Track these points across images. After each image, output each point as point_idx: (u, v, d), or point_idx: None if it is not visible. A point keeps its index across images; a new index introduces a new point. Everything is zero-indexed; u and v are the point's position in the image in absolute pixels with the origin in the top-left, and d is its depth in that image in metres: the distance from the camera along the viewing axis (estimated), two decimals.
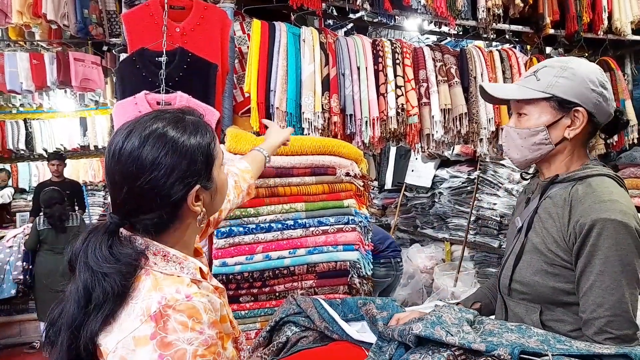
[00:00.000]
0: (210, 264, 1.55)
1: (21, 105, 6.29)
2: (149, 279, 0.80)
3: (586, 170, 1.18)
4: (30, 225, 4.28)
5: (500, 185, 3.92)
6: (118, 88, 1.83)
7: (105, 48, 4.36)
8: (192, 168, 0.85)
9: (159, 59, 1.72)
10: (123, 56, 2.04)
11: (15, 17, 3.83)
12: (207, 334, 0.77)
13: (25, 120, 6.50)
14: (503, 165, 3.91)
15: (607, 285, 1.05)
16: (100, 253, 0.79)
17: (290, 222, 1.59)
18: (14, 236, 4.37)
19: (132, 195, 0.82)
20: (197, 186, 0.86)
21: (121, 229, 0.84)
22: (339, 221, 1.64)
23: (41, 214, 4.15)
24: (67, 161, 5.45)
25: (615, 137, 3.03)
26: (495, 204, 3.92)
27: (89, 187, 6.54)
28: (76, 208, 4.82)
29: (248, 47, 2.14)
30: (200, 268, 0.89)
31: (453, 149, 4.26)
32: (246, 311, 1.56)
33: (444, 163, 4.58)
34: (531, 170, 1.44)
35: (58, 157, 5.04)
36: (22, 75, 4.33)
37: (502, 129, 2.59)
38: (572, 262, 1.11)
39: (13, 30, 4.58)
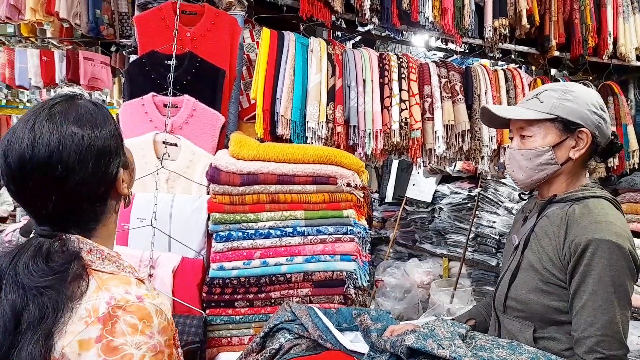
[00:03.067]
0: (208, 268, 1.56)
1: (28, 100, 6.34)
2: (93, 280, 0.77)
3: (584, 191, 1.21)
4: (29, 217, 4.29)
5: (500, 203, 3.92)
6: (126, 88, 1.86)
7: (114, 48, 4.41)
8: (113, 158, 0.84)
9: (168, 62, 1.75)
10: (133, 57, 2.07)
11: (29, 14, 3.88)
12: (156, 340, 0.74)
13: None
14: (504, 183, 3.92)
15: (599, 305, 1.06)
16: (35, 268, 0.74)
17: (289, 230, 1.60)
18: (14, 230, 4.37)
19: (63, 199, 0.79)
20: (122, 170, 0.87)
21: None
22: (338, 231, 1.64)
23: None
24: None
25: (617, 161, 3.04)
26: (494, 222, 3.92)
27: None
28: None
29: (256, 54, 2.17)
30: (131, 266, 0.86)
31: (455, 165, 4.27)
32: (241, 316, 1.56)
33: (445, 179, 4.60)
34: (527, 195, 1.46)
35: None
36: (31, 71, 4.38)
37: (504, 150, 2.61)
38: (566, 280, 1.13)
39: (25, 27, 4.63)
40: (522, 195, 1.43)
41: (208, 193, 1.61)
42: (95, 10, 4.02)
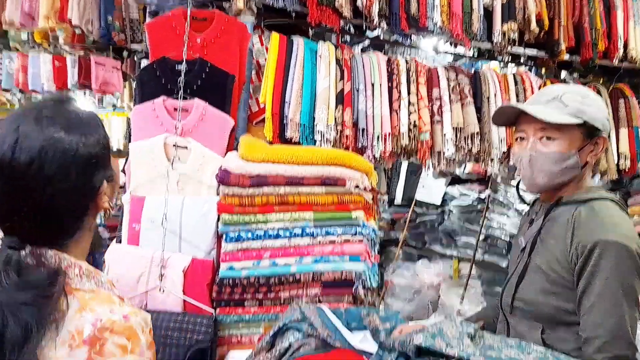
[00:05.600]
0: (217, 268, 1.58)
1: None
2: (74, 299, 0.72)
3: (589, 193, 1.21)
4: None
5: (511, 205, 3.91)
6: (137, 93, 1.89)
7: (126, 54, 4.48)
8: (98, 168, 0.80)
9: (179, 67, 1.77)
10: (144, 62, 2.11)
11: (42, 21, 3.96)
12: (147, 357, 0.73)
13: None
14: (514, 186, 3.91)
15: (607, 306, 1.07)
16: (8, 282, 0.68)
17: (298, 231, 1.62)
18: None
19: (39, 209, 0.73)
20: (105, 183, 0.81)
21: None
22: (347, 232, 1.66)
23: None
24: None
25: (628, 164, 3.02)
26: (505, 224, 3.91)
27: None
28: None
29: (265, 59, 2.19)
30: (110, 281, 0.82)
31: (464, 167, 4.27)
32: (250, 315, 1.58)
33: (455, 181, 4.59)
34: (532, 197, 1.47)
35: None
36: (44, 76, 4.47)
37: (513, 153, 2.61)
38: (574, 282, 1.13)
39: (38, 34, 4.73)
40: (523, 199, 1.44)
41: (218, 195, 1.63)
42: (107, 17, 4.08)
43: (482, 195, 4.15)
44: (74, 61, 4.45)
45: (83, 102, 6.28)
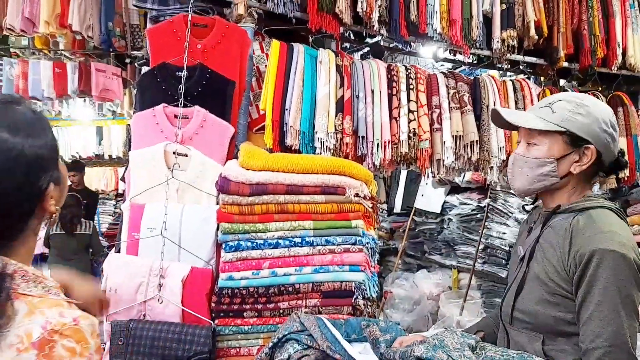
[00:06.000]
0: (216, 277, 1.57)
1: (41, 111, 6.44)
2: (22, 304, 0.71)
3: (587, 202, 1.21)
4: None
5: (510, 214, 3.90)
6: (138, 100, 1.88)
7: (128, 60, 4.48)
8: (44, 170, 0.79)
9: (179, 73, 1.77)
10: (144, 69, 2.10)
11: (42, 27, 3.97)
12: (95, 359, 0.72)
13: None
14: (513, 194, 3.90)
15: (605, 316, 1.06)
16: None
17: (298, 240, 1.60)
18: None
19: None
20: (52, 185, 0.80)
21: None
22: (346, 241, 1.64)
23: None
24: None
25: (627, 172, 3.02)
26: (504, 233, 3.90)
27: (100, 196, 6.63)
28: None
29: (266, 66, 2.19)
30: (58, 286, 0.80)
31: (464, 175, 4.26)
32: (249, 327, 1.56)
33: (454, 189, 4.59)
34: (530, 205, 1.46)
35: (77, 168, 5.06)
36: (44, 82, 4.46)
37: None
38: (572, 291, 1.12)
39: (39, 39, 4.74)
40: (525, 207, 1.44)
41: (217, 203, 1.62)
42: (108, 23, 4.10)
43: (482, 204, 4.14)
44: (74, 67, 4.46)
45: (82, 108, 6.28)
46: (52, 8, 3.94)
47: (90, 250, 4.37)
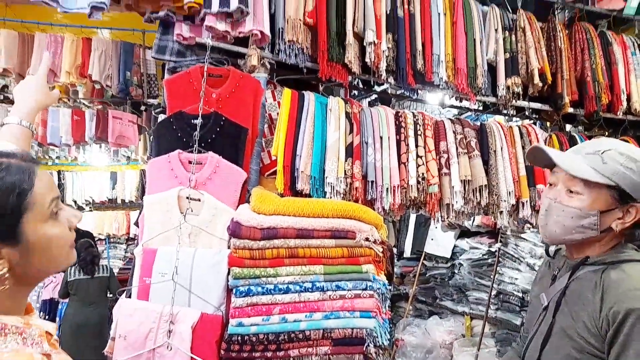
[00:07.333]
0: (226, 323, 1.56)
1: (57, 157, 6.61)
2: None
3: (619, 254, 1.16)
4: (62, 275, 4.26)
5: (522, 259, 3.84)
6: (154, 146, 1.94)
7: (143, 108, 4.64)
8: None
9: (195, 121, 1.83)
10: (161, 117, 2.18)
11: (64, 76, 4.16)
12: None
13: (59, 172, 6.79)
14: (524, 239, 3.86)
15: None
16: None
17: (308, 285, 1.60)
18: None
19: None
20: (3, 245, 0.74)
21: None
22: (357, 287, 1.63)
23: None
24: (94, 213, 5.59)
25: None
26: (517, 278, 3.83)
27: (111, 240, 6.65)
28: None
29: (278, 113, 2.26)
30: (47, 332, 0.76)
31: (473, 219, 4.24)
32: None
33: (464, 233, 4.55)
34: (553, 247, 1.41)
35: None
36: (62, 129, 4.61)
37: (523, 204, 2.60)
38: (603, 350, 1.07)
39: (59, 88, 4.93)
40: (548, 250, 1.38)
41: (229, 247, 1.63)
42: (126, 72, 4.28)
43: (493, 249, 4.09)
44: (92, 115, 4.62)
45: (98, 154, 6.44)
46: (74, 59, 4.13)
47: (109, 293, 4.32)
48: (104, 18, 1.96)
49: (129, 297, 1.63)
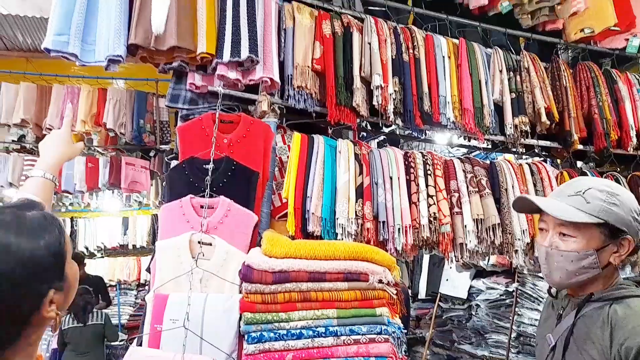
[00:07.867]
0: None
1: (70, 204, 6.69)
2: None
3: (621, 290, 1.19)
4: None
5: (541, 299, 3.73)
6: (166, 192, 1.97)
7: (152, 153, 4.74)
8: (43, 274, 0.75)
9: (207, 166, 1.87)
10: (173, 163, 2.22)
11: (79, 125, 4.28)
12: None
13: (72, 219, 6.86)
14: (542, 277, 3.76)
15: None
16: None
17: (322, 330, 1.56)
18: None
19: None
20: (51, 292, 0.76)
21: None
22: (371, 330, 1.59)
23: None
24: (105, 259, 5.60)
25: None
26: (536, 319, 3.70)
27: (122, 286, 6.61)
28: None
29: (288, 156, 2.29)
30: None
31: (488, 259, 4.16)
32: None
33: (480, 273, 4.45)
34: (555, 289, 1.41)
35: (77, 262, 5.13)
36: (76, 177, 4.70)
37: (536, 243, 2.56)
38: None
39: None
40: (550, 290, 1.38)
41: (240, 292, 1.62)
42: (139, 120, 4.40)
43: (510, 289, 3.99)
44: (106, 162, 4.71)
45: (110, 200, 6.52)
46: (90, 108, 4.27)
47: (105, 340, 4.26)
48: (119, 69, 2.04)
49: (140, 344, 1.61)
